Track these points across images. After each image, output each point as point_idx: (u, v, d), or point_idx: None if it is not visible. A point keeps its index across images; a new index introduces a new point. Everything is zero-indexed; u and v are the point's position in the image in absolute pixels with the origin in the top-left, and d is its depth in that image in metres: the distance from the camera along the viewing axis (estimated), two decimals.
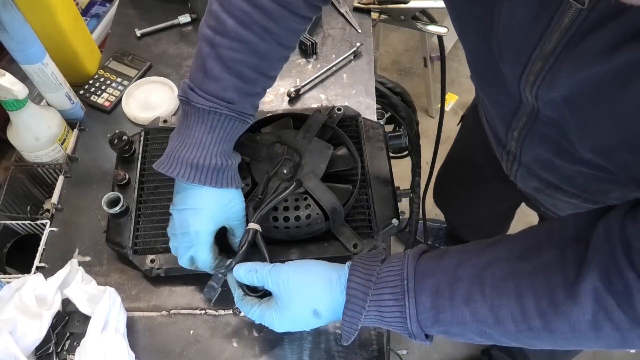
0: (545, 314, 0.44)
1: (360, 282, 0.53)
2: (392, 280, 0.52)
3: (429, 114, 2.01)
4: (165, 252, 0.71)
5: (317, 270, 0.57)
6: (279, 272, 0.57)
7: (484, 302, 0.47)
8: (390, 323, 0.53)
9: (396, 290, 0.51)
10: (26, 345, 0.59)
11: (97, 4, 1.10)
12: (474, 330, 0.49)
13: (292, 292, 0.56)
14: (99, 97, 0.91)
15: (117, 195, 0.71)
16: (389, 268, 0.53)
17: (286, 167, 0.68)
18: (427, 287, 0.51)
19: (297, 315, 0.56)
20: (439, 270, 0.51)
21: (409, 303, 0.51)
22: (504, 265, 0.48)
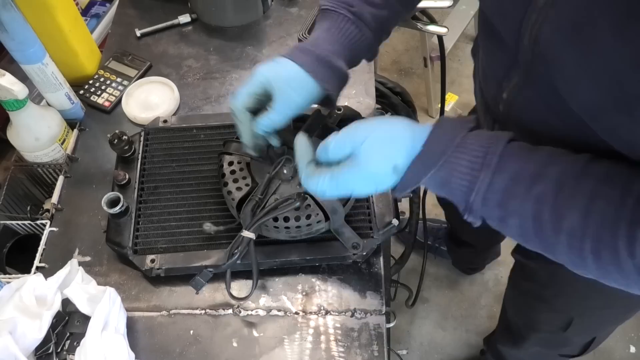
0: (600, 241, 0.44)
1: (441, 139, 0.50)
2: (475, 149, 0.49)
3: (429, 114, 2.01)
4: (165, 252, 0.71)
5: (399, 124, 0.54)
6: (356, 131, 0.54)
7: (554, 207, 0.46)
8: (453, 190, 0.50)
9: (476, 160, 0.49)
10: (26, 345, 0.59)
11: (97, 4, 1.10)
12: (529, 229, 0.48)
13: (373, 149, 0.52)
14: (99, 97, 0.91)
15: (117, 195, 0.71)
16: (477, 137, 0.50)
17: (286, 168, 0.68)
18: (509, 169, 0.48)
19: (376, 171, 0.52)
20: (526, 159, 0.49)
21: (484, 176, 0.48)
22: (589, 183, 0.45)
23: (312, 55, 0.62)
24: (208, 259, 0.70)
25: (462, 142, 0.50)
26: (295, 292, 0.72)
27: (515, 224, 0.49)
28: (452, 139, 0.50)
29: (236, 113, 0.64)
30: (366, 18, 0.65)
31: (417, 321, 1.55)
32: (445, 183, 0.51)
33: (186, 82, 0.95)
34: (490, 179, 0.48)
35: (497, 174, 0.48)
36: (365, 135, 0.53)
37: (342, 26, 0.64)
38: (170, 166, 0.79)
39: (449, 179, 0.50)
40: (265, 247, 0.71)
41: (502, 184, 0.48)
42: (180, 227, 0.73)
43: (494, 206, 0.49)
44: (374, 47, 0.68)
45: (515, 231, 0.50)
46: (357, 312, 0.70)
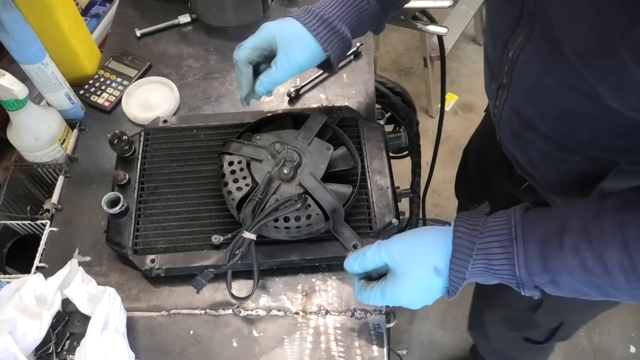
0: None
1: (465, 231, 0.54)
2: (499, 229, 0.53)
3: (429, 114, 2.02)
4: (165, 252, 0.71)
5: (425, 232, 0.59)
6: (389, 242, 0.58)
7: (592, 252, 0.47)
8: (497, 272, 0.53)
9: (504, 237, 0.52)
10: (26, 345, 0.59)
11: (97, 4, 1.10)
12: (584, 281, 0.49)
13: (408, 256, 0.56)
14: (99, 97, 0.91)
15: (117, 195, 0.71)
16: (495, 219, 0.54)
17: (286, 167, 0.68)
18: (535, 235, 0.51)
19: (418, 278, 0.56)
20: (546, 221, 0.51)
21: (517, 249, 0.51)
22: (612, 217, 0.47)
23: (317, 17, 0.65)
24: (208, 259, 0.70)
25: (485, 228, 0.53)
26: (295, 292, 0.72)
27: (568, 281, 0.50)
28: (474, 227, 0.54)
29: (239, 65, 0.67)
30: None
31: (417, 321, 1.55)
32: (488, 268, 0.53)
33: (186, 82, 0.95)
34: (524, 248, 0.51)
35: (527, 242, 0.51)
36: (397, 245, 0.57)
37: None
38: (170, 166, 0.79)
39: (489, 265, 0.53)
40: (265, 247, 0.71)
41: (537, 249, 0.50)
42: (180, 227, 0.73)
43: (540, 272, 0.51)
44: (379, 17, 0.70)
45: (572, 288, 0.51)
46: (357, 312, 0.70)
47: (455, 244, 0.54)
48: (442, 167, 1.08)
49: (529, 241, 0.51)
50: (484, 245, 0.53)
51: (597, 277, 0.48)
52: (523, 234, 0.51)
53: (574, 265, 0.49)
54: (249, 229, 0.65)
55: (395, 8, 0.72)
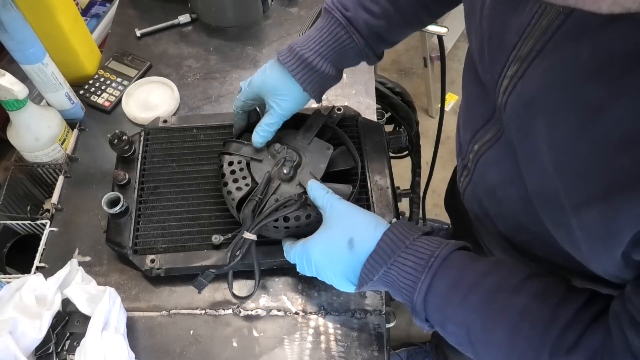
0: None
1: (393, 238, 0.54)
2: (422, 251, 0.52)
3: (429, 114, 2.01)
4: (165, 252, 0.71)
5: (368, 213, 0.60)
6: (337, 200, 0.61)
7: (485, 319, 0.48)
8: (400, 288, 0.53)
9: (421, 262, 0.52)
10: (26, 345, 0.59)
11: (97, 4, 1.10)
12: (464, 337, 0.50)
13: (341, 216, 0.59)
14: (99, 97, 0.91)
15: (117, 195, 0.71)
16: (427, 241, 0.54)
17: (286, 167, 0.68)
18: (449, 276, 0.51)
19: (334, 238, 0.58)
20: (466, 269, 0.51)
21: (425, 278, 0.51)
22: (520, 299, 0.47)
23: (296, 57, 0.65)
24: (208, 259, 0.70)
25: (413, 244, 0.53)
26: (295, 292, 0.72)
27: (453, 331, 0.51)
28: (403, 240, 0.54)
29: (235, 113, 0.73)
30: (359, 24, 0.64)
31: None
32: (395, 283, 0.53)
33: (186, 82, 0.95)
34: (430, 281, 0.51)
35: (437, 278, 0.51)
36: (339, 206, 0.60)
37: (332, 29, 0.64)
38: (170, 166, 0.79)
39: (397, 279, 0.53)
40: (265, 247, 0.71)
41: (441, 289, 0.51)
42: (180, 227, 0.73)
43: (434, 309, 0.51)
44: (367, 53, 0.67)
45: (454, 338, 0.51)
46: (357, 312, 0.70)
47: (379, 246, 0.54)
48: (442, 167, 1.07)
49: (439, 278, 0.51)
50: (402, 259, 0.53)
51: (477, 342, 0.49)
52: (438, 269, 0.51)
53: (464, 322, 0.49)
54: (249, 229, 0.65)
55: (388, 44, 0.70)
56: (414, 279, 0.52)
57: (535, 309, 0.46)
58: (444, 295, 0.50)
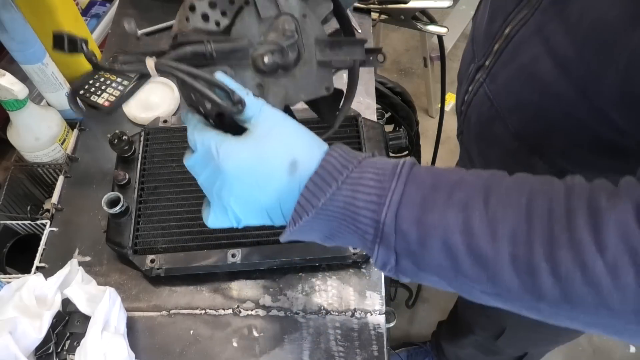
0: (553, 241, 0.34)
1: (343, 154, 0.41)
2: (382, 165, 0.41)
3: (429, 114, 2.02)
4: (165, 252, 0.71)
5: (308, 130, 0.45)
6: (270, 108, 0.43)
7: (485, 211, 0.37)
8: (359, 210, 0.40)
9: (385, 172, 0.40)
10: (26, 345, 0.59)
11: (97, 4, 1.10)
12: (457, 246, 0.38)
13: (278, 127, 0.43)
14: (99, 97, 0.91)
15: (117, 195, 0.71)
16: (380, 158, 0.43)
17: (290, 49, 0.45)
18: (423, 180, 0.40)
19: (269, 155, 0.41)
20: (441, 172, 0.41)
21: (396, 187, 0.39)
22: (521, 182, 0.38)
23: None
24: (208, 259, 0.70)
25: (366, 160, 0.41)
26: (295, 292, 0.72)
27: (439, 245, 0.38)
28: (355, 156, 0.42)
29: None
30: None
31: (417, 321, 1.56)
32: (347, 206, 0.40)
33: None
34: (403, 189, 0.39)
35: (409, 185, 0.39)
36: (273, 118, 0.43)
37: None
38: (170, 166, 0.79)
39: (354, 196, 0.40)
40: (265, 247, 0.71)
41: (417, 194, 0.39)
42: (180, 227, 0.73)
43: (410, 223, 0.38)
44: None
45: (440, 256, 0.38)
46: (357, 312, 0.70)
47: (325, 161, 0.41)
48: None
49: (413, 183, 0.39)
50: (357, 174, 0.40)
51: (478, 243, 0.37)
52: (409, 174, 0.40)
53: (455, 224, 0.37)
54: (160, 57, 0.46)
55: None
56: (378, 191, 0.39)
57: (546, 185, 0.37)
58: (421, 202, 0.38)
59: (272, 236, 0.72)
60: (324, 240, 0.44)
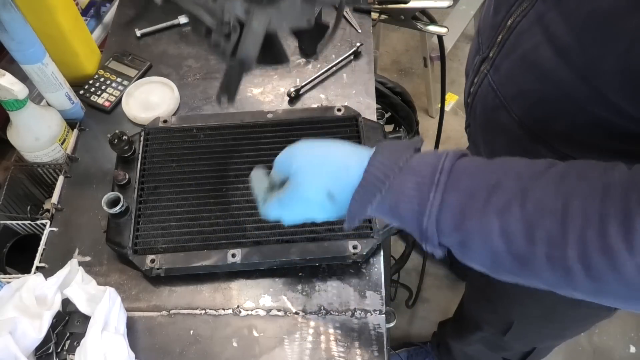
0: (586, 246, 0.37)
1: (384, 162, 0.46)
2: (422, 169, 0.44)
3: (429, 114, 2.01)
4: (165, 252, 0.71)
5: (336, 148, 0.51)
6: (292, 149, 0.52)
7: (522, 216, 0.39)
8: (404, 217, 0.45)
9: (424, 180, 0.44)
10: (26, 345, 0.59)
11: (97, 4, 1.10)
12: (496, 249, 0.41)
13: (305, 170, 0.50)
14: (99, 97, 0.91)
15: (117, 195, 0.71)
16: (422, 158, 0.46)
17: None
18: (462, 187, 0.43)
19: (310, 197, 0.49)
20: (479, 173, 0.43)
21: (435, 197, 0.43)
22: (560, 180, 0.40)
23: None
24: (208, 259, 0.70)
25: (407, 165, 0.45)
26: (295, 292, 0.72)
27: (480, 247, 0.42)
28: (396, 161, 0.45)
29: None
30: None
31: (417, 321, 1.55)
32: (394, 210, 0.45)
33: (186, 82, 0.95)
34: (441, 198, 0.43)
35: (448, 192, 0.43)
36: (299, 157, 0.51)
37: None
38: (170, 166, 0.79)
39: (397, 204, 0.45)
40: (265, 246, 0.71)
41: (456, 202, 0.43)
42: (180, 227, 0.73)
43: (450, 230, 0.43)
44: None
45: (481, 256, 0.43)
46: (357, 312, 0.70)
47: (368, 172, 0.46)
48: None
49: (452, 191, 0.43)
50: (399, 183, 0.45)
51: (516, 246, 0.40)
52: (447, 182, 0.43)
53: (493, 230, 0.41)
54: None
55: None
56: (419, 201, 0.43)
57: (582, 183, 0.39)
58: (460, 209, 0.42)
59: (272, 236, 0.72)
60: None
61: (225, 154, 0.79)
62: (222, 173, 0.77)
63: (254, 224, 0.73)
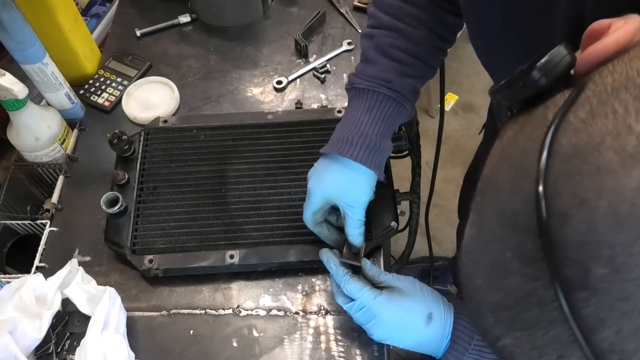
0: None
1: (466, 325, 0.57)
2: None
3: (429, 114, 2.01)
4: (164, 253, 0.71)
5: (430, 288, 0.62)
6: (401, 276, 0.62)
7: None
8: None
9: None
10: (26, 345, 0.59)
11: (97, 3, 1.10)
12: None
13: (413, 288, 0.60)
14: (99, 97, 0.91)
15: (116, 195, 0.71)
16: None
17: None
18: None
19: (414, 308, 0.58)
20: None
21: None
22: None
23: (363, 147, 0.62)
24: (206, 260, 0.70)
25: None
26: (295, 292, 0.72)
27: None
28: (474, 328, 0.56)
29: (313, 231, 0.68)
30: (406, 91, 0.64)
31: None
32: (480, 358, 0.57)
33: (186, 82, 0.95)
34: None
35: None
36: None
37: (384, 105, 0.63)
38: (170, 166, 0.79)
39: (481, 356, 0.56)
40: (263, 247, 0.71)
41: None
42: (179, 228, 0.73)
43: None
44: (411, 112, 0.68)
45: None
46: None
47: (455, 336, 0.57)
48: (442, 167, 1.07)
49: None
50: (481, 341, 0.56)
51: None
52: None
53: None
54: None
55: (419, 95, 0.69)
56: None
57: None
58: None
59: (271, 237, 0.72)
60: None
61: (225, 154, 0.79)
62: (221, 174, 0.77)
63: (252, 225, 0.73)
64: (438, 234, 1.71)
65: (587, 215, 0.22)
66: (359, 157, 0.62)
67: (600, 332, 0.22)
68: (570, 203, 0.23)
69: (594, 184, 0.22)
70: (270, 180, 0.76)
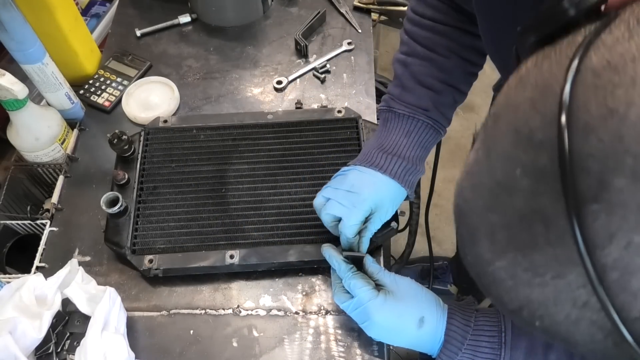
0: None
1: (459, 325, 0.59)
2: (489, 329, 0.57)
3: None
4: (164, 253, 0.71)
5: (428, 291, 0.63)
6: (398, 277, 0.62)
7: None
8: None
9: (493, 340, 0.56)
10: (26, 345, 0.59)
11: (97, 3, 1.10)
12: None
13: (408, 292, 0.61)
14: (99, 97, 0.91)
15: (116, 195, 0.71)
16: (486, 318, 0.58)
17: None
18: (522, 344, 0.55)
19: (406, 311, 0.59)
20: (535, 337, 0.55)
21: (504, 355, 0.56)
22: None
23: (401, 167, 0.67)
24: (206, 260, 0.70)
25: (476, 326, 0.58)
26: (295, 292, 0.72)
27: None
28: (467, 323, 0.58)
29: (333, 232, 0.69)
30: (442, 119, 0.70)
31: None
32: None
33: (186, 82, 0.95)
34: (510, 355, 0.56)
35: (513, 350, 0.55)
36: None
37: (422, 131, 0.69)
38: (170, 166, 0.79)
39: (474, 357, 0.58)
40: (263, 248, 0.71)
41: (521, 358, 0.55)
42: (179, 228, 0.73)
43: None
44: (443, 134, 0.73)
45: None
46: None
47: (448, 336, 0.58)
48: (442, 167, 1.07)
49: (516, 349, 0.55)
50: (473, 342, 0.57)
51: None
52: (512, 341, 0.55)
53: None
54: None
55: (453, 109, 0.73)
56: (494, 357, 0.56)
57: None
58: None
59: (271, 237, 0.72)
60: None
61: (225, 154, 0.79)
62: (221, 174, 0.77)
63: (252, 225, 0.73)
64: (438, 234, 1.71)
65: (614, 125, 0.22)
66: (397, 176, 0.67)
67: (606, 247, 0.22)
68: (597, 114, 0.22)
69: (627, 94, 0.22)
70: (270, 180, 0.76)
